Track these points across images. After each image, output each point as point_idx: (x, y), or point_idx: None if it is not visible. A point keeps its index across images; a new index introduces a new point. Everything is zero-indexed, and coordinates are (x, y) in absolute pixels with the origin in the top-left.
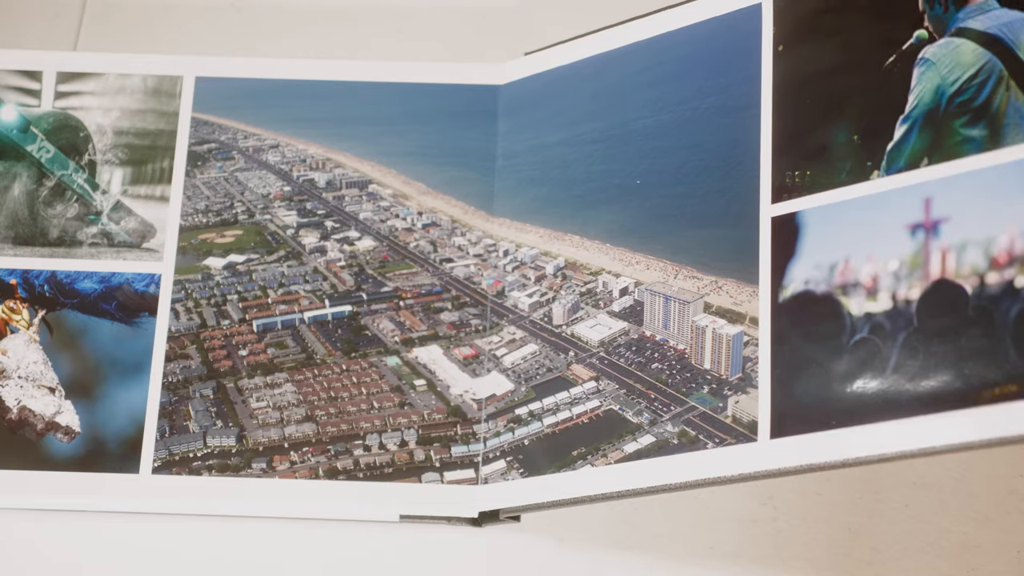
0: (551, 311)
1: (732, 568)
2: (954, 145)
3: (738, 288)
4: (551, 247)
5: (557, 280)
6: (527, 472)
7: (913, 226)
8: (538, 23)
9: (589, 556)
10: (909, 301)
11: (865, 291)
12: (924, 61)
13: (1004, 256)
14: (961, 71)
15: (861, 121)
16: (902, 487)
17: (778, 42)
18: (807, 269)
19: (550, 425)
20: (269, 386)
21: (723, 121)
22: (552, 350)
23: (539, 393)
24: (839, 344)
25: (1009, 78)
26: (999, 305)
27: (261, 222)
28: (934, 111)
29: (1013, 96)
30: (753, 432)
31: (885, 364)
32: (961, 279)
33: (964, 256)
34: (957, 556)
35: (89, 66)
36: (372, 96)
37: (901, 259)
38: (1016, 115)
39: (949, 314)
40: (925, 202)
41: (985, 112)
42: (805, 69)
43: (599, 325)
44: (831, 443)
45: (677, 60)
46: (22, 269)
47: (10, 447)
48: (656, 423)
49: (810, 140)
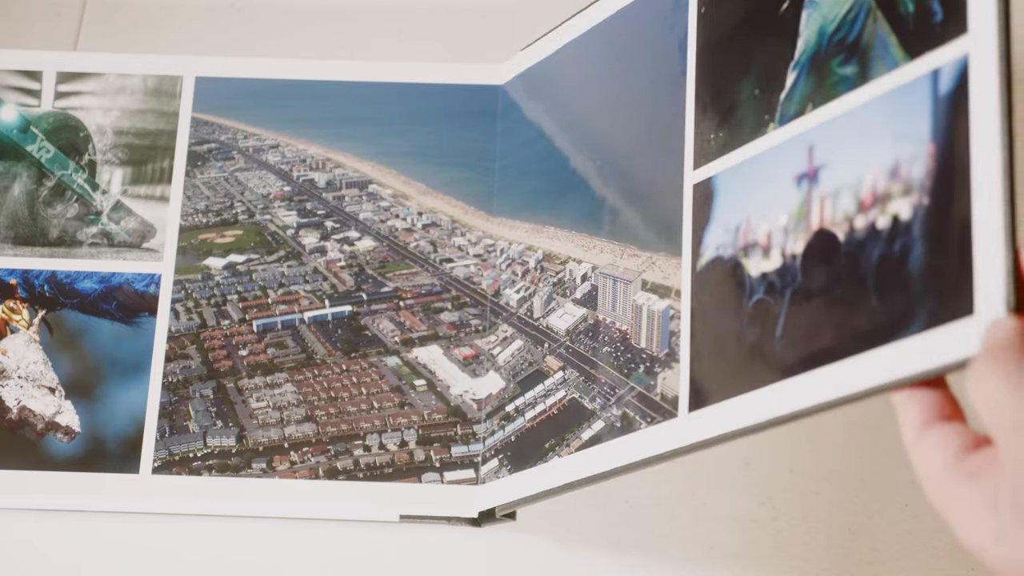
0: (532, 305)
1: (732, 568)
2: (832, 86)
3: (667, 262)
4: (534, 241)
5: (537, 273)
6: (513, 468)
7: (799, 176)
8: (538, 23)
9: (588, 556)
10: (795, 256)
11: (762, 251)
12: (810, 3)
13: (869, 198)
14: (839, 7)
15: (760, 74)
16: (902, 487)
17: (701, 4)
18: (718, 234)
19: (530, 419)
20: (269, 386)
21: (660, 91)
22: (532, 344)
23: (523, 388)
24: (741, 308)
25: (876, 7)
26: (864, 249)
27: (261, 222)
28: (817, 54)
29: (880, 27)
30: (675, 407)
31: (775, 323)
32: (835, 227)
33: (838, 202)
34: (956, 556)
35: (89, 66)
36: (372, 96)
37: (789, 212)
38: (881, 47)
39: (825, 264)
40: (809, 150)
41: (857, 47)
42: (721, 28)
43: (566, 314)
44: (739, 410)
45: (630, 35)
46: (22, 269)
47: (10, 447)
48: (605, 407)
49: (723, 100)
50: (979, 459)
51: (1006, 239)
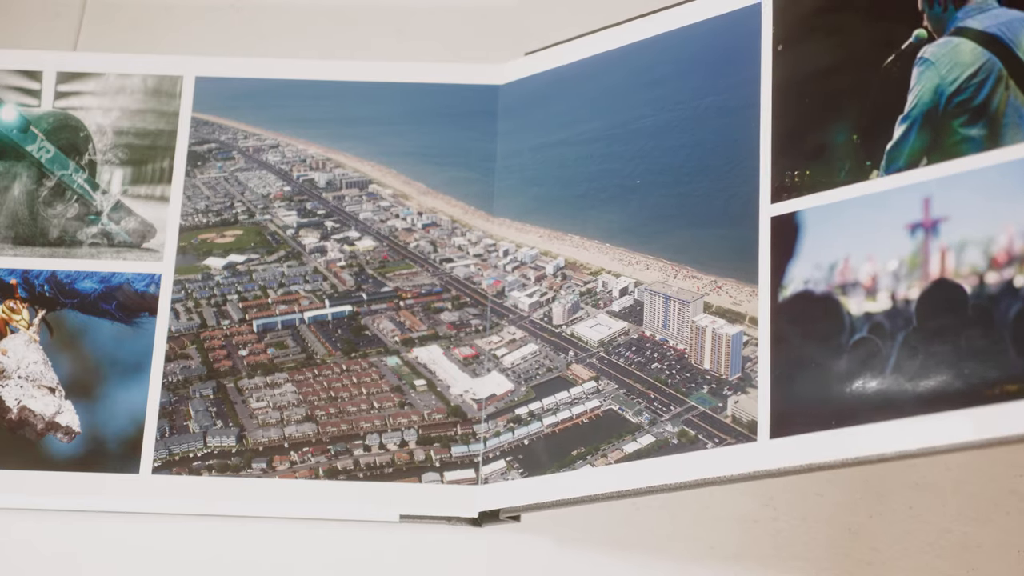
0: (551, 311)
1: (732, 568)
2: (953, 144)
3: (737, 288)
4: (551, 247)
5: (557, 280)
6: (527, 472)
7: (912, 225)
8: (538, 23)
9: (589, 556)
10: (908, 301)
11: (864, 291)
12: (923, 60)
13: (1003, 256)
14: (960, 70)
15: (860, 121)
16: (902, 487)
17: (777, 42)
18: (806, 269)
19: (550, 425)
20: (269, 386)
21: (723, 121)
22: (552, 350)
23: (539, 393)
24: (838, 344)
25: (1008, 77)
26: (998, 304)
27: (261, 222)
28: (933, 110)
29: (1012, 95)
30: (753, 432)
31: (884, 363)
32: (960, 279)
33: (963, 256)
34: (957, 556)
35: (89, 66)
36: (372, 96)
37: (900, 259)
38: (1015, 114)
39: (948, 314)
40: (924, 202)
41: (984, 111)
42: (804, 69)
43: (599, 325)
44: (830, 443)
45: (677, 60)
46: (22, 269)
47: (10, 447)
48: (656, 423)
49: (809, 140)
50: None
51: None
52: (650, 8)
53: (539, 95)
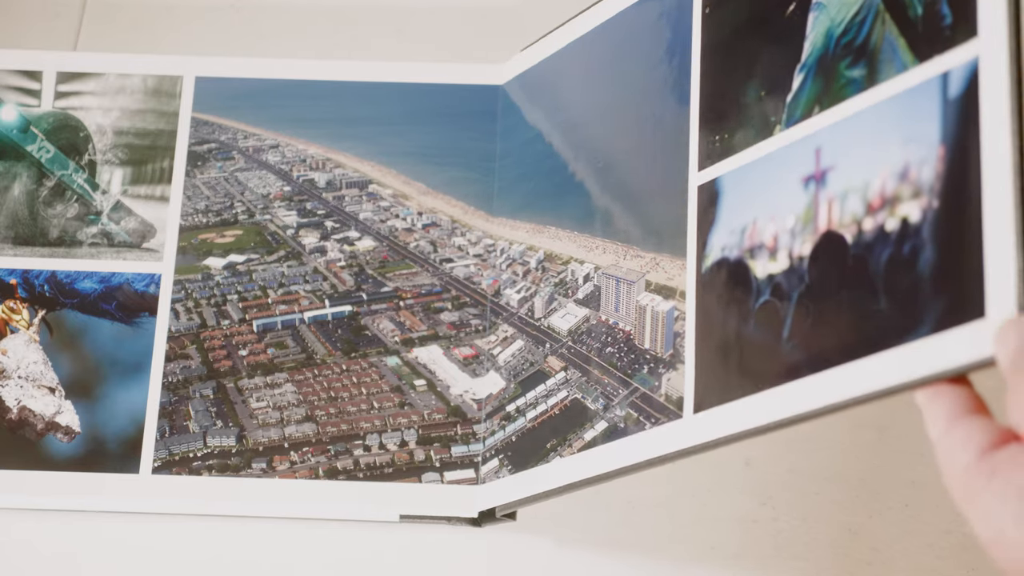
0: (533, 305)
1: (732, 568)
2: (840, 88)
3: (672, 263)
4: (535, 241)
5: (538, 273)
6: (514, 469)
7: (807, 178)
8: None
9: (589, 556)
10: (802, 258)
11: (768, 252)
12: (817, 5)
13: (877, 200)
14: (847, 10)
15: (766, 76)
16: (902, 487)
17: (705, 4)
18: (723, 235)
19: (531, 419)
20: (269, 386)
21: (664, 92)
22: (533, 344)
23: (524, 388)
24: (747, 309)
25: (884, 10)
26: (872, 252)
27: (261, 222)
28: (824, 55)
29: (888, 30)
30: (680, 408)
31: (782, 325)
32: (843, 228)
33: (846, 204)
34: (957, 556)
35: (89, 66)
36: (372, 96)
37: (796, 214)
38: (889, 49)
39: (833, 267)
40: (816, 152)
41: (865, 50)
42: (725, 29)
43: (568, 314)
44: (744, 412)
45: (629, 38)
46: (22, 269)
47: (10, 447)
48: (608, 408)
49: (728, 102)
50: (1006, 453)
51: (1017, 241)
52: None
53: (531, 90)
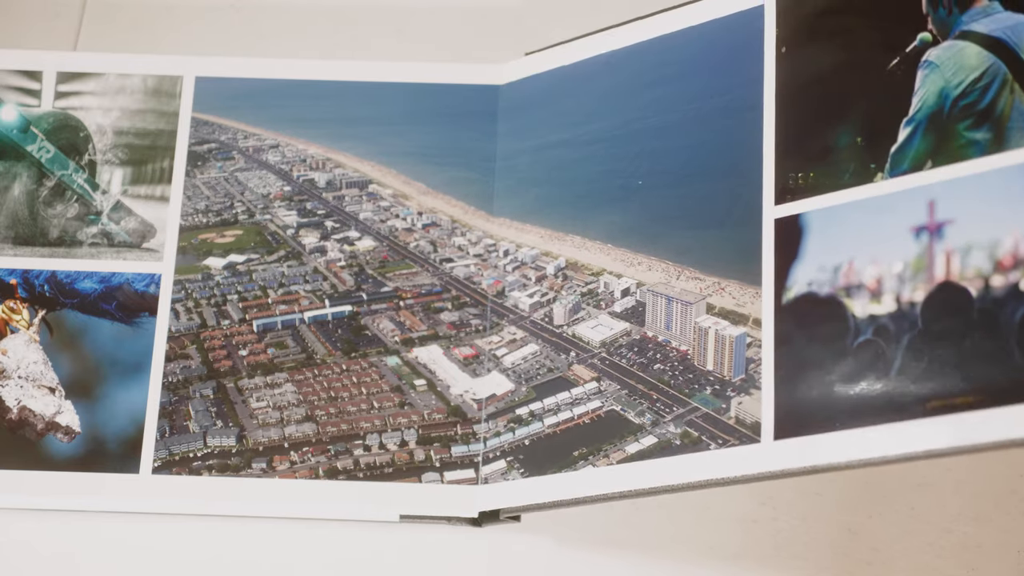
0: (552, 311)
1: (732, 568)
2: (958, 148)
3: (741, 290)
4: (552, 247)
5: (558, 280)
6: (527, 472)
7: (917, 228)
8: (538, 23)
9: (589, 556)
10: (913, 303)
11: (869, 293)
12: (928, 64)
13: (1009, 259)
14: (965, 74)
15: (864, 123)
16: (903, 487)
17: (781, 43)
18: (811, 271)
19: (551, 425)
20: (269, 386)
21: (726, 122)
22: (553, 350)
23: (540, 393)
24: (843, 346)
25: (1013, 81)
26: (1003, 307)
27: (261, 222)
28: (938, 113)
29: (1017, 99)
30: (756, 433)
31: (889, 366)
32: (965, 281)
33: (968, 259)
34: (957, 556)
35: (89, 66)
36: (372, 96)
37: (905, 261)
38: (1020, 118)
39: (953, 316)
40: (929, 204)
41: (989, 115)
42: (808, 70)
43: (600, 326)
44: (834, 445)
45: (680, 61)
46: (22, 269)
47: (10, 447)
48: (658, 424)
49: (813, 142)
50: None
51: None
52: (651, 8)
53: (540, 96)
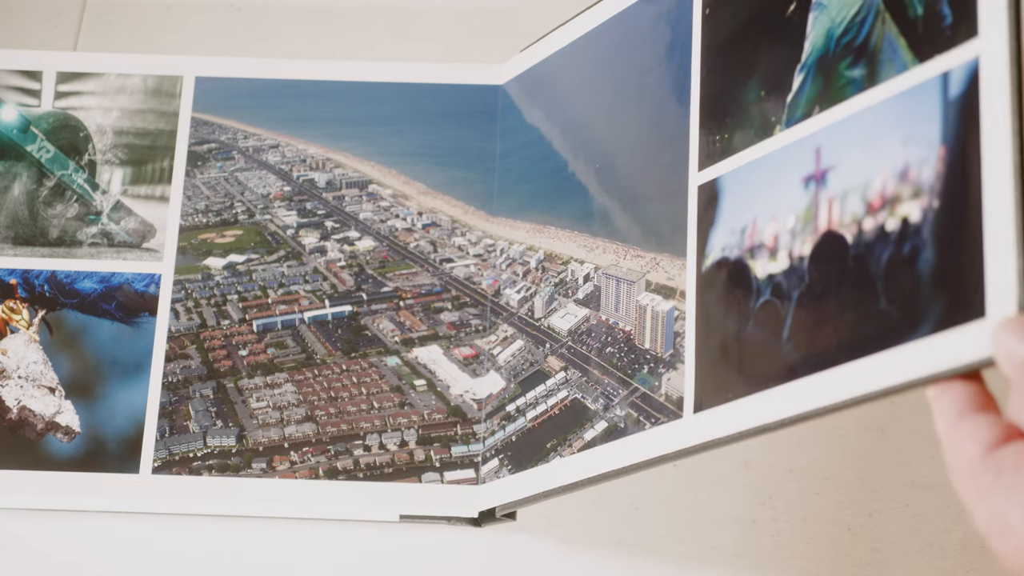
0: (533, 305)
1: (732, 568)
2: (840, 88)
3: (672, 262)
4: (535, 241)
5: (538, 273)
6: (515, 468)
7: (807, 178)
8: (539, 23)
9: (589, 556)
10: (803, 257)
11: (768, 252)
12: (817, 5)
13: (878, 200)
14: (847, 10)
15: (767, 76)
16: (902, 487)
17: (705, 5)
18: (724, 235)
19: (532, 419)
20: (269, 386)
21: (661, 94)
22: (533, 344)
23: (524, 388)
24: (747, 309)
25: (884, 10)
26: (872, 252)
27: (261, 222)
28: (824, 56)
29: (888, 29)
30: (680, 408)
31: (782, 325)
32: (843, 228)
33: (846, 204)
34: (957, 556)
35: (89, 66)
36: (372, 96)
37: (796, 214)
38: (889, 49)
39: (833, 266)
40: (816, 152)
41: (865, 50)
42: (727, 29)
43: (568, 314)
44: (744, 411)
45: (625, 39)
46: (22, 269)
47: (10, 447)
48: (608, 408)
49: (728, 102)
50: (1012, 449)
51: (1017, 241)
52: None
53: (530, 91)
